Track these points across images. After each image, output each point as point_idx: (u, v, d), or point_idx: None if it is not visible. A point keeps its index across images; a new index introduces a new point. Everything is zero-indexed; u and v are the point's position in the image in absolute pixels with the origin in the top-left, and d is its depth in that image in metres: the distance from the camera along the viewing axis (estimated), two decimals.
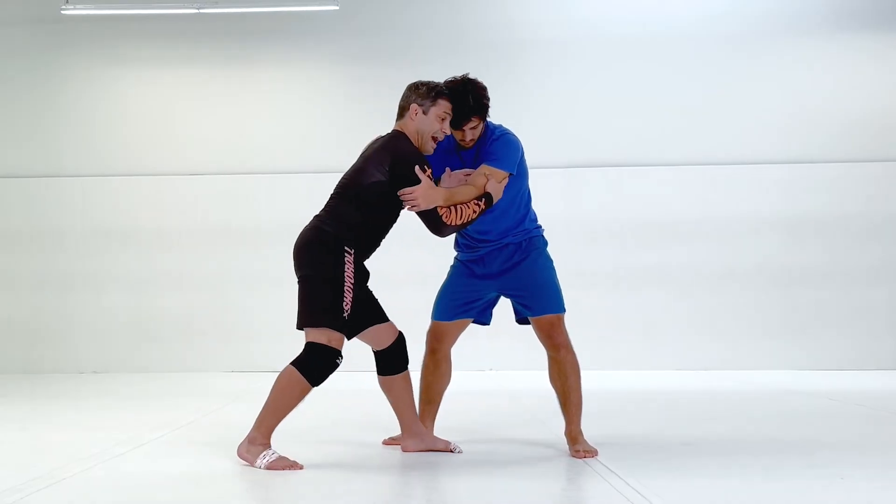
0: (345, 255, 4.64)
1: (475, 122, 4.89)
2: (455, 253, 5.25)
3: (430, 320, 5.20)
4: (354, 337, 4.93)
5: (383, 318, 4.95)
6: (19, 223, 10.34)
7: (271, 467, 4.55)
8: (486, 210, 4.77)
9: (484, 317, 5.20)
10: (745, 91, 10.17)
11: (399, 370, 5.00)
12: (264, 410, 4.68)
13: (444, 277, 5.22)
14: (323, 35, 10.23)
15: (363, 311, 4.88)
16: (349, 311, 4.62)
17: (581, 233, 9.95)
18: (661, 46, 10.20)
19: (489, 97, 4.93)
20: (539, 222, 5.13)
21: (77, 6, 9.71)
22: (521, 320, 5.14)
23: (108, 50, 10.41)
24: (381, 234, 4.84)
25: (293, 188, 10.12)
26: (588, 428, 5.01)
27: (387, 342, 4.95)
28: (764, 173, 10.10)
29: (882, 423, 6.23)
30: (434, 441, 5.05)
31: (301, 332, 4.73)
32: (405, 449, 5.07)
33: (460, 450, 5.00)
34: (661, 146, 10.15)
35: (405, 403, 5.04)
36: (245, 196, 10.19)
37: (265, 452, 4.62)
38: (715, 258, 10.06)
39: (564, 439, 4.98)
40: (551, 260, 5.09)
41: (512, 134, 4.99)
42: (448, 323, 5.15)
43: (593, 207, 10.03)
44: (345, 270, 4.62)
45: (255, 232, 10.12)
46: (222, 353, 10.06)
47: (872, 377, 9.17)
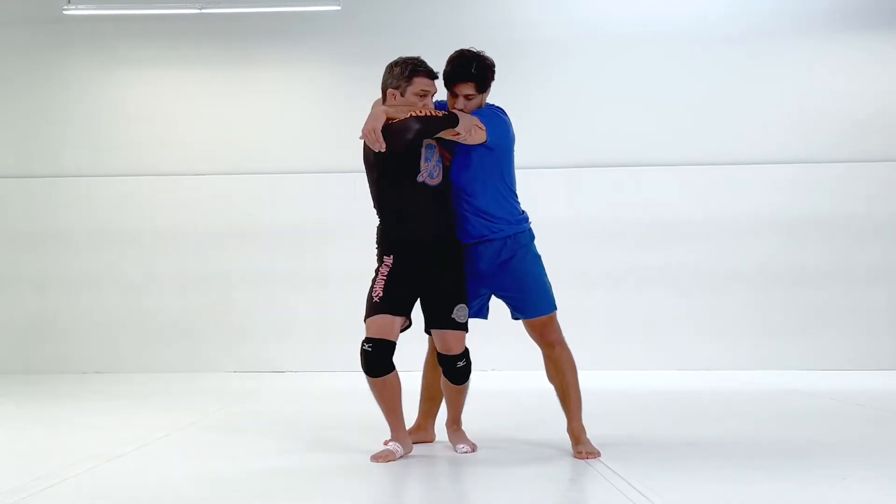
0: (384, 260, 4.85)
1: (470, 89, 4.84)
2: None
3: None
4: (430, 335, 5.04)
5: (441, 325, 4.91)
6: (21, 223, 10.34)
7: (372, 459, 4.80)
8: (449, 125, 4.67)
9: (481, 313, 5.18)
10: (747, 91, 10.16)
11: (445, 377, 5.04)
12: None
13: None
14: (324, 35, 10.23)
15: (428, 310, 4.93)
16: (381, 296, 4.76)
17: (582, 233, 9.95)
18: (663, 47, 10.18)
19: (493, 76, 4.91)
20: (525, 214, 5.06)
21: (79, 6, 9.71)
22: (516, 316, 5.12)
23: (110, 50, 10.41)
24: (414, 213, 4.80)
25: (295, 188, 10.12)
26: (590, 428, 5.00)
27: (440, 348, 4.97)
28: (766, 173, 10.09)
29: (883, 424, 6.23)
30: (460, 438, 5.13)
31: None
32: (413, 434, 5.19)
33: (465, 450, 5.03)
34: (663, 146, 10.13)
35: (448, 400, 5.13)
36: (247, 196, 10.18)
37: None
38: (716, 258, 10.05)
39: (566, 440, 4.98)
40: (538, 256, 5.04)
41: (504, 113, 4.96)
42: None
43: (594, 208, 10.02)
44: (380, 270, 4.83)
45: (257, 232, 10.11)
46: (224, 354, 10.05)
47: (874, 377, 9.16)
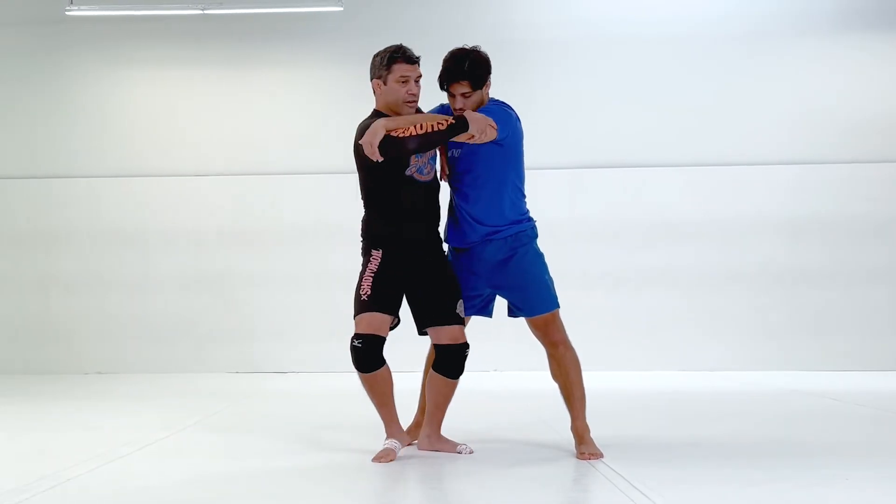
0: (371, 255, 4.86)
1: (466, 88, 4.84)
2: (447, 242, 5.17)
3: None
4: (426, 334, 5.02)
5: (442, 321, 4.92)
6: (24, 224, 10.34)
7: (373, 459, 4.81)
8: (459, 131, 4.66)
9: (485, 311, 5.18)
10: (749, 92, 10.15)
11: (442, 371, 4.99)
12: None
13: None
14: (327, 36, 10.23)
15: (418, 306, 4.95)
16: (369, 294, 4.79)
17: (584, 233, 9.94)
18: (665, 48, 10.18)
19: (489, 70, 4.91)
20: (530, 214, 5.06)
21: (81, 7, 9.71)
22: (514, 314, 5.12)
23: (113, 51, 10.41)
24: (401, 208, 4.81)
25: (298, 189, 10.12)
26: (593, 429, 4.99)
27: (443, 340, 4.95)
28: (768, 174, 10.09)
29: (886, 424, 6.23)
30: (442, 445, 5.06)
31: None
32: (420, 447, 5.13)
33: (469, 450, 5.01)
34: (664, 147, 10.12)
35: (433, 404, 5.08)
36: (250, 197, 10.18)
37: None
38: (718, 259, 10.05)
39: (569, 441, 4.98)
40: (541, 254, 5.03)
41: (511, 108, 4.97)
42: None
43: (596, 208, 10.02)
44: (368, 266, 4.85)
45: (260, 233, 10.12)
46: (227, 355, 10.05)
47: (876, 378, 9.16)
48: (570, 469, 4.63)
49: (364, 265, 4.89)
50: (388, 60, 4.83)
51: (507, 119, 4.87)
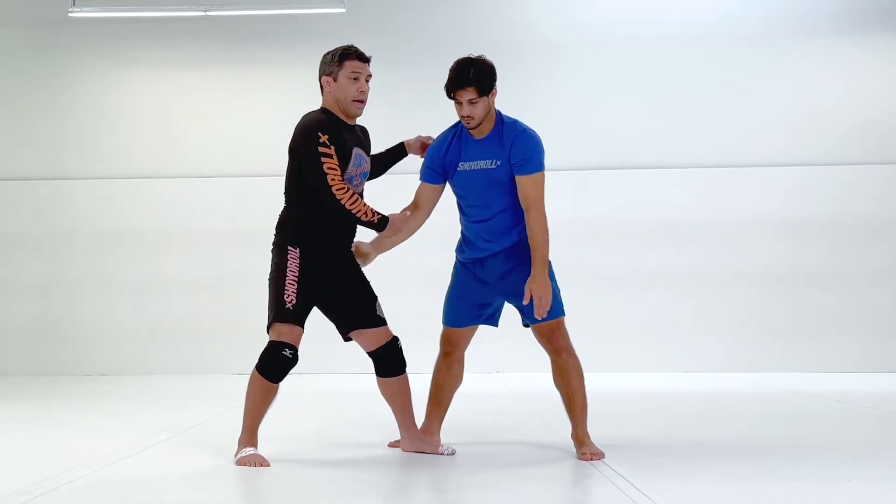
0: (288, 254, 4.81)
1: (472, 94, 4.84)
2: (456, 254, 5.20)
3: (442, 325, 5.18)
4: (351, 339, 4.99)
5: (367, 324, 4.90)
6: (26, 225, 10.35)
7: (239, 462, 4.68)
8: (376, 227, 4.77)
9: (492, 320, 5.19)
10: (752, 94, 10.15)
11: (387, 374, 4.97)
12: (243, 413, 4.85)
13: (448, 279, 5.21)
14: (329, 37, 10.12)
15: (339, 311, 4.92)
16: (294, 303, 4.73)
17: (587, 235, 9.94)
18: (667, 49, 10.17)
19: (494, 77, 4.92)
20: None
21: (83, 8, 9.72)
22: (527, 323, 5.12)
23: (115, 52, 10.42)
24: (324, 209, 4.77)
25: None
26: (594, 430, 5.00)
27: (371, 346, 4.93)
28: (771, 176, 10.08)
29: (888, 425, 6.23)
30: (423, 446, 5.04)
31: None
32: (403, 448, 5.10)
33: (451, 451, 4.99)
34: (667, 149, 10.12)
35: (398, 406, 5.04)
36: (252, 198, 10.18)
37: (240, 450, 4.75)
38: (721, 260, 10.04)
39: (571, 442, 4.98)
40: (548, 262, 5.06)
41: (531, 129, 5.00)
42: (460, 329, 5.14)
43: (599, 210, 10.01)
44: (287, 266, 4.78)
45: (262, 234, 10.00)
46: (229, 356, 10.05)
47: (879, 379, 9.16)
48: (572, 470, 4.63)
49: (281, 264, 4.82)
50: (340, 57, 4.84)
51: (541, 152, 5.00)
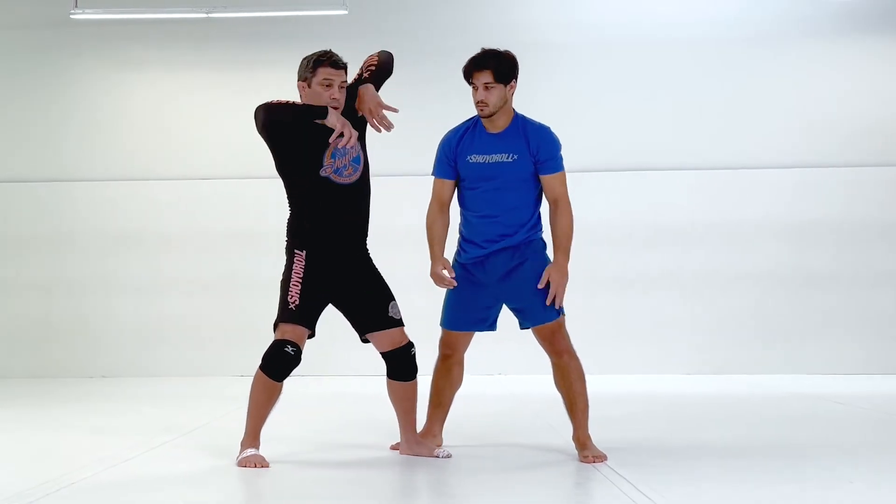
0: (294, 256, 4.86)
1: (488, 78, 4.85)
2: (455, 256, 5.17)
3: (441, 328, 5.18)
4: (368, 342, 5.01)
5: (380, 325, 4.91)
6: (28, 227, 10.35)
7: (241, 464, 4.70)
8: (310, 114, 4.75)
9: (493, 327, 5.19)
10: (754, 95, 10.13)
11: (397, 377, 4.98)
12: (247, 413, 4.87)
13: None
14: (331, 39, 10.14)
15: (353, 312, 4.95)
16: (297, 304, 4.76)
17: (590, 237, 9.87)
18: (670, 51, 10.16)
19: (515, 69, 4.94)
20: (541, 223, 5.09)
21: (86, 10, 9.72)
22: (526, 326, 5.11)
23: (118, 54, 10.42)
24: (319, 209, 4.80)
25: None
26: (596, 432, 5.00)
27: (385, 347, 4.94)
28: (774, 178, 10.07)
29: (891, 427, 6.22)
30: (419, 450, 5.04)
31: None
32: (401, 451, 5.11)
33: (447, 454, 4.98)
34: (669, 150, 10.11)
35: (401, 410, 5.05)
36: (254, 200, 10.18)
37: (242, 451, 4.76)
38: (725, 262, 10.03)
39: (573, 444, 4.98)
40: (550, 262, 5.03)
41: (548, 128, 5.07)
42: (459, 332, 5.13)
43: (602, 211, 9.99)
44: (293, 269, 4.82)
45: (264, 235, 10.10)
46: (231, 357, 10.04)
47: (882, 381, 9.15)
48: (574, 472, 4.63)
49: (288, 266, 4.86)
50: (314, 64, 4.81)
51: (560, 150, 5.05)
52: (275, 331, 4.83)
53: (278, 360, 4.74)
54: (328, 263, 4.83)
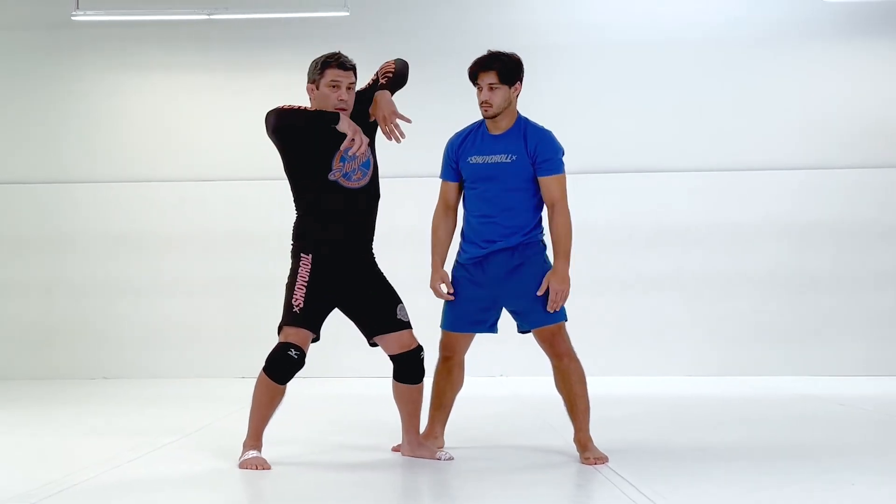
0: (300, 260, 4.86)
1: (493, 79, 4.89)
2: (456, 256, 5.18)
3: (441, 330, 5.18)
4: (377, 345, 5.01)
5: (387, 328, 4.91)
6: (29, 229, 10.35)
7: (242, 465, 4.71)
8: (323, 120, 4.73)
9: (493, 328, 5.19)
10: (756, 97, 10.12)
11: (404, 380, 4.98)
12: (249, 415, 4.87)
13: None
14: (332, 41, 10.14)
15: (360, 316, 4.94)
16: (301, 307, 4.76)
17: (591, 238, 9.89)
18: (671, 53, 10.16)
19: (520, 71, 4.98)
20: (542, 226, 5.09)
21: (87, 12, 9.72)
22: (524, 330, 5.11)
23: (119, 55, 10.42)
24: (326, 212, 4.79)
25: None
26: (598, 434, 5.00)
27: (394, 349, 4.94)
28: (776, 179, 10.05)
29: (893, 429, 6.22)
30: (422, 452, 5.04)
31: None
32: (403, 453, 5.11)
33: (449, 457, 4.98)
34: (671, 152, 10.11)
35: (406, 412, 5.05)
36: (258, 201, 10.18)
37: (244, 452, 4.76)
38: (726, 263, 10.02)
39: (574, 446, 4.98)
40: (550, 265, 5.03)
41: (550, 132, 5.07)
42: (459, 334, 5.13)
43: (603, 213, 9.99)
44: (298, 272, 4.82)
45: (265, 236, 10.11)
46: (233, 359, 10.04)
47: (884, 383, 9.14)
48: (575, 474, 4.63)
49: (294, 269, 4.86)
50: (322, 66, 4.84)
51: (561, 153, 5.04)
52: (279, 333, 4.83)
53: (281, 364, 4.74)
54: (334, 267, 4.83)
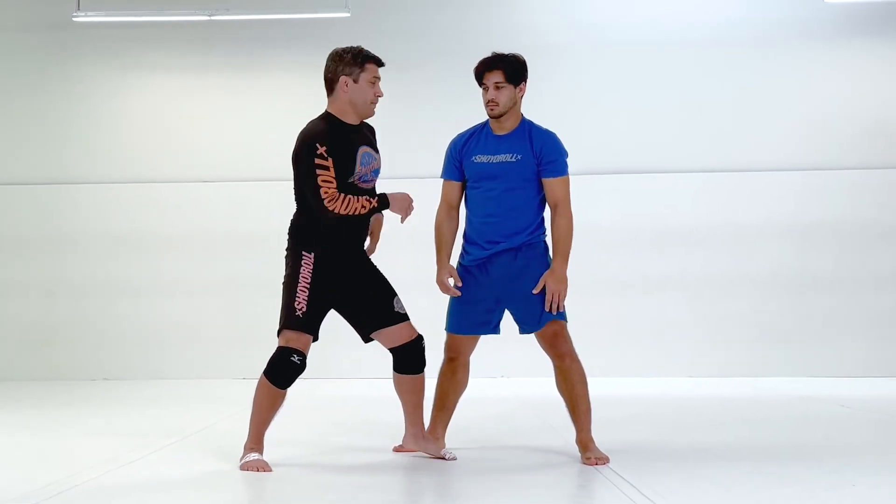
0: (302, 259, 4.82)
1: (499, 78, 4.94)
2: (459, 258, 5.18)
3: (446, 332, 5.18)
4: (372, 340, 5.01)
5: (386, 322, 4.92)
6: (30, 230, 10.35)
7: (243, 467, 4.71)
8: (379, 210, 4.78)
9: (496, 330, 5.19)
10: (757, 98, 10.12)
11: (406, 371, 4.99)
12: (250, 418, 4.87)
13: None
14: (334, 41, 10.05)
15: (356, 313, 4.95)
16: (304, 310, 4.74)
17: (593, 239, 9.89)
18: (673, 54, 10.15)
19: (524, 71, 5.04)
20: (544, 226, 5.09)
21: (88, 13, 9.72)
22: (526, 330, 5.11)
23: (120, 57, 10.42)
24: (340, 219, 4.77)
25: None
26: (599, 435, 5.00)
27: (394, 342, 4.95)
28: (777, 180, 10.05)
29: (893, 430, 6.22)
30: (427, 445, 5.04)
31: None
32: (406, 445, 5.10)
33: (453, 456, 4.98)
34: (673, 153, 10.10)
35: (410, 404, 5.05)
36: (258, 202, 10.18)
37: (245, 454, 4.77)
38: (727, 264, 10.02)
39: (575, 446, 4.98)
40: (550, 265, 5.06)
41: (555, 134, 5.10)
42: (464, 336, 5.13)
43: (604, 214, 9.99)
44: (300, 273, 4.78)
45: (266, 237, 10.09)
46: (234, 360, 10.04)
47: (884, 384, 9.14)
48: (576, 474, 4.63)
49: (294, 269, 4.83)
50: (363, 59, 4.89)
51: (565, 156, 5.08)
52: (279, 336, 4.80)
53: (283, 369, 4.75)
54: (335, 265, 4.83)
